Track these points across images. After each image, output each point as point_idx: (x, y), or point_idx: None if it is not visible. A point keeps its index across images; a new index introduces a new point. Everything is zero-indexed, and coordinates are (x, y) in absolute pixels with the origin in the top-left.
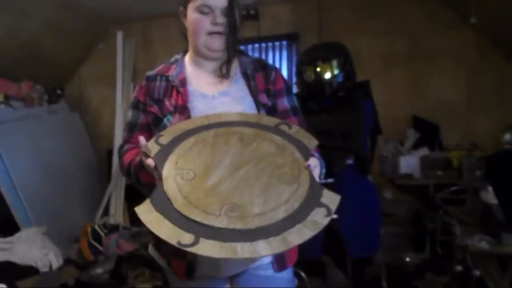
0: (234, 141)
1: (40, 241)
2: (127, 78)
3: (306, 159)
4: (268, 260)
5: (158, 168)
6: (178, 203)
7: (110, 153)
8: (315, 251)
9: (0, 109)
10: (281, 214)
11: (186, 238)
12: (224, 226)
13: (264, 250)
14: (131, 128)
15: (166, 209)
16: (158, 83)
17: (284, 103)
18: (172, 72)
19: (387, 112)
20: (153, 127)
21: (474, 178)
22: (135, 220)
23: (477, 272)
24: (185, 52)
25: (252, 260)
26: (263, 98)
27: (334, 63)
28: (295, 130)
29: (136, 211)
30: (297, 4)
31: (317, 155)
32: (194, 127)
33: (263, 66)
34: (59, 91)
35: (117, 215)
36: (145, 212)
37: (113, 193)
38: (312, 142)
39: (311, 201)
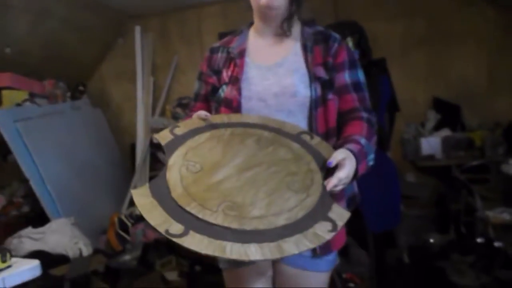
0: (250, 142)
1: (70, 231)
2: (147, 73)
3: (322, 170)
4: None
5: (166, 157)
6: (176, 192)
7: (133, 147)
8: None
9: (26, 106)
10: (281, 221)
11: (175, 228)
12: (218, 223)
13: (254, 254)
14: (195, 98)
15: (163, 196)
16: (220, 54)
17: (344, 77)
18: (234, 44)
19: (407, 95)
20: (210, 97)
21: (496, 154)
22: None
23: (499, 244)
24: (251, 24)
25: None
26: (320, 72)
27: (349, 40)
28: (317, 141)
29: (132, 193)
30: None
31: (357, 147)
32: (212, 123)
33: (325, 38)
34: (81, 88)
35: None
36: (141, 196)
37: (137, 185)
38: (330, 153)
39: (317, 213)
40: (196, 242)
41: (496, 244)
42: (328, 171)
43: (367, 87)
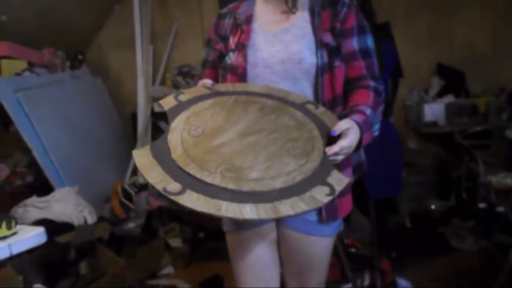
0: (253, 109)
1: (74, 200)
2: (146, 41)
3: (324, 138)
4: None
5: (169, 121)
6: (176, 154)
7: (134, 116)
8: None
9: (25, 76)
10: (279, 183)
11: (173, 186)
12: (215, 183)
13: (249, 214)
14: (203, 65)
15: (163, 157)
16: (227, 20)
17: (352, 44)
18: (241, 10)
19: (410, 60)
20: (217, 64)
21: (500, 119)
22: None
23: (501, 208)
24: None
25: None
26: (327, 37)
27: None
28: (321, 110)
29: (133, 153)
30: None
31: (361, 118)
32: (217, 91)
33: (333, 2)
34: (80, 57)
35: None
36: (141, 156)
37: None
38: (334, 123)
39: (316, 178)
40: (192, 200)
41: (498, 209)
42: (331, 140)
43: None
